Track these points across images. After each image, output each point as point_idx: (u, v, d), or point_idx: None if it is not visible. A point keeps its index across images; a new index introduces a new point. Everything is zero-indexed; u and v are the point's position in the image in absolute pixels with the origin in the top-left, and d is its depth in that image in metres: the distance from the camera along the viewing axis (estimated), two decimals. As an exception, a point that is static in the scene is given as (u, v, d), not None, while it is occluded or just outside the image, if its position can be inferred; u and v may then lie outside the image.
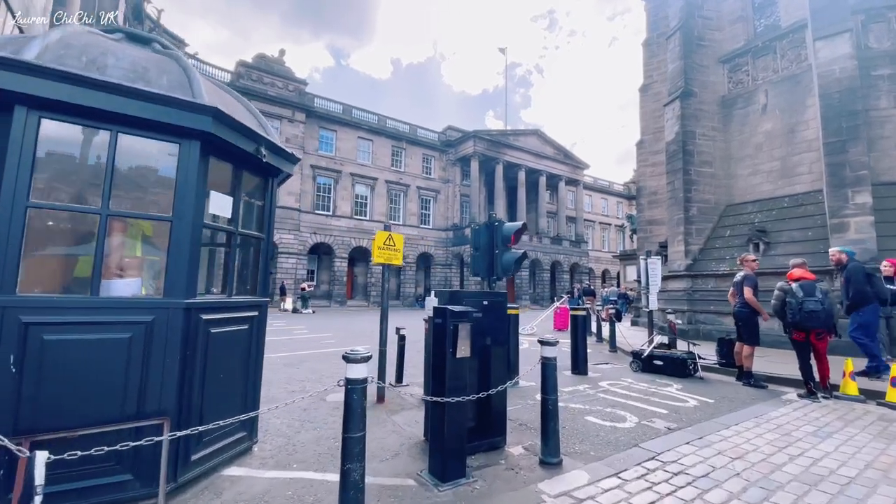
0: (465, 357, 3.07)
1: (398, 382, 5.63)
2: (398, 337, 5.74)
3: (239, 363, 3.28)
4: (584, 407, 4.86)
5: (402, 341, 5.91)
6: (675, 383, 6.22)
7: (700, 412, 4.80)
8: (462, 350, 3.04)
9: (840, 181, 8.97)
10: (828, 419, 4.65)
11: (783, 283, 5.76)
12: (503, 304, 3.80)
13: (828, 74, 9.42)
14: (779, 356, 8.01)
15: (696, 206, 11.84)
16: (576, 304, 21.93)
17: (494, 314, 3.73)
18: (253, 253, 3.68)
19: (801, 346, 5.54)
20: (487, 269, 3.99)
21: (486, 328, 3.68)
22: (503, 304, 3.79)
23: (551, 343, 3.45)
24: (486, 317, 3.66)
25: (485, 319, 3.65)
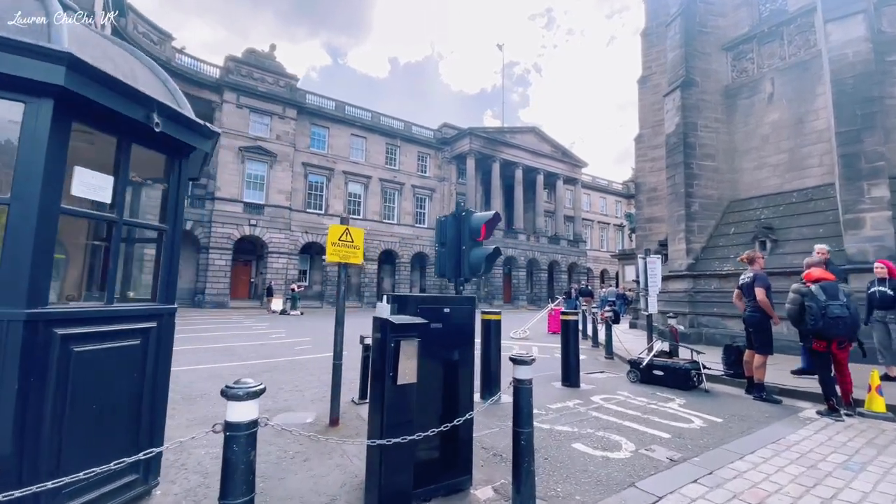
0: (410, 384, 2.38)
1: (362, 399, 4.93)
2: (362, 347, 5.04)
3: (125, 390, 2.58)
4: (573, 430, 4.17)
5: (367, 351, 5.19)
6: (678, 397, 5.52)
7: (708, 436, 4.10)
8: (405, 374, 2.35)
9: (855, 173, 8.29)
10: (856, 444, 3.96)
11: (799, 284, 5.06)
12: (469, 311, 3.10)
13: (840, 59, 8.73)
14: (791, 364, 7.32)
15: (697, 201, 11.15)
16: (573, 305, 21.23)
17: (458, 324, 3.03)
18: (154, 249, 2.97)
19: (822, 357, 4.85)
20: (454, 268, 3.30)
21: (449, 341, 2.98)
22: (469, 312, 3.10)
23: (525, 361, 2.75)
24: (447, 327, 2.96)
25: (446, 331, 2.96)
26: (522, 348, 9.88)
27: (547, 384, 6.13)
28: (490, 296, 34.88)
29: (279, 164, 28.41)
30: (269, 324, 15.62)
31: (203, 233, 25.77)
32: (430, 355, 2.87)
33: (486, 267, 3.33)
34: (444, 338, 2.95)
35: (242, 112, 27.52)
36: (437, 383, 2.91)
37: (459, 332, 3.04)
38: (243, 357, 8.09)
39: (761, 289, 5.59)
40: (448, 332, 2.97)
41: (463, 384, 3.03)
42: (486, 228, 3.32)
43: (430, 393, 2.84)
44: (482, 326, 5.25)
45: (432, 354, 2.89)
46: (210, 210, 25.92)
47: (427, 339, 2.84)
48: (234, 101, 27.23)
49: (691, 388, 5.91)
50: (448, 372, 2.97)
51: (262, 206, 27.66)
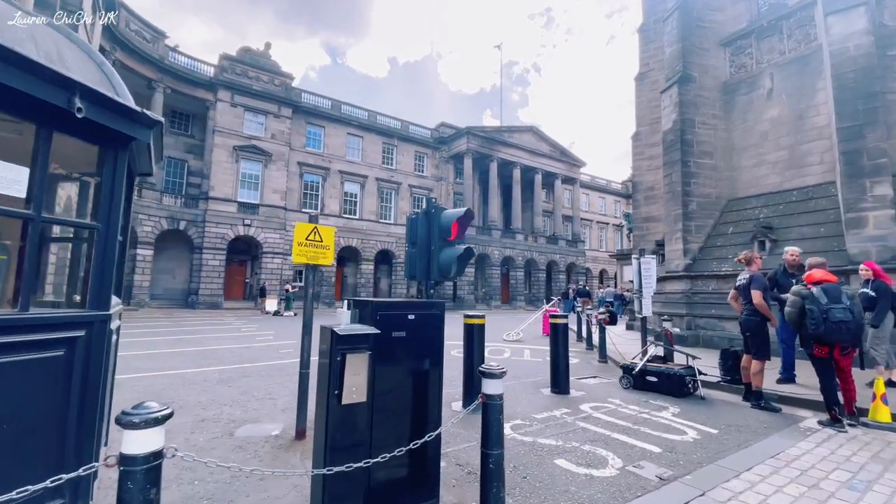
0: (359, 403, 2.10)
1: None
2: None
3: (46, 406, 2.30)
4: (557, 443, 3.88)
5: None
6: (672, 405, 5.24)
7: (701, 450, 3.82)
8: (352, 392, 2.07)
9: (856, 171, 8.01)
10: (861, 459, 3.68)
11: (800, 286, 4.79)
12: (438, 317, 2.82)
13: (841, 52, 8.45)
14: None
15: (695, 200, 10.87)
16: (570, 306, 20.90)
17: (425, 332, 2.75)
18: (86, 249, 2.69)
19: (824, 364, 4.57)
20: (424, 270, 3.01)
21: (414, 351, 2.71)
22: (437, 318, 2.82)
23: (494, 374, 2.47)
24: (412, 336, 2.68)
25: (411, 339, 2.68)
26: (514, 352, 9.61)
27: (535, 391, 5.85)
28: (487, 296, 34.61)
29: (274, 163, 28.13)
30: (259, 325, 15.34)
31: (196, 233, 25.50)
32: (391, 367, 2.59)
33: (457, 269, 3.04)
34: (409, 347, 2.68)
35: (237, 111, 27.24)
36: (399, 398, 2.63)
37: (426, 341, 2.76)
38: (223, 361, 7.81)
39: (758, 291, 5.31)
40: (413, 340, 2.69)
41: (430, 398, 2.75)
42: (457, 226, 3.03)
43: (391, 409, 2.57)
44: (465, 330, 4.98)
45: (394, 366, 2.61)
46: (203, 210, 25.64)
47: (387, 349, 2.57)
48: (229, 100, 26.95)
49: (686, 395, 5.63)
50: (413, 385, 2.69)
51: (256, 206, 27.38)
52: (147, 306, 23.00)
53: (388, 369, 2.56)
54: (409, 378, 2.68)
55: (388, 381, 2.56)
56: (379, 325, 2.55)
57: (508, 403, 5.19)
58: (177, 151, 27.87)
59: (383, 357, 2.55)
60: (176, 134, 27.90)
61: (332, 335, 2.11)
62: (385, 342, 2.57)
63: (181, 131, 28.24)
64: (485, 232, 34.63)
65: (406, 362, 2.67)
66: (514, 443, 3.87)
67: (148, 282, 23.68)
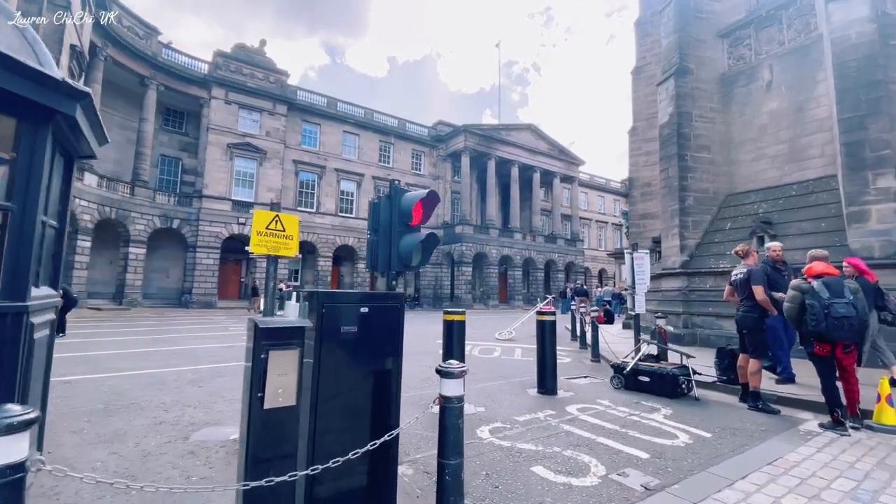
0: (287, 407, 1.81)
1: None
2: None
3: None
4: (537, 448, 3.60)
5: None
6: (664, 407, 4.96)
7: (692, 456, 3.53)
8: (278, 395, 1.79)
9: (859, 163, 7.72)
10: (865, 466, 3.40)
11: (799, 280, 4.50)
12: (395, 311, 2.53)
13: (843, 41, 8.16)
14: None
15: (692, 195, 10.58)
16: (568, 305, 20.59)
17: (380, 327, 2.47)
18: None
19: (825, 363, 4.28)
20: (387, 260, 2.73)
21: (367, 349, 2.42)
22: (395, 313, 2.53)
23: (452, 373, 2.19)
24: (364, 332, 2.40)
25: (363, 336, 2.39)
26: (505, 350, 9.33)
27: (521, 391, 5.57)
28: (485, 295, 34.32)
29: (269, 161, 27.85)
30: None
31: (190, 231, 25.23)
32: (340, 367, 2.31)
33: (421, 257, 2.76)
34: (361, 344, 2.39)
35: (231, 108, 26.97)
36: (350, 402, 2.34)
37: (382, 337, 2.47)
38: (201, 360, 7.53)
39: (760, 286, 5.02)
40: (366, 337, 2.40)
41: (387, 400, 2.46)
42: (421, 210, 2.74)
43: (338, 414, 2.28)
44: (444, 327, 4.71)
45: (344, 366, 2.33)
46: (197, 208, 25.37)
47: (335, 346, 2.29)
48: (223, 97, 26.67)
49: (680, 396, 5.35)
50: (366, 387, 2.40)
51: (251, 205, 27.06)
52: (139, 305, 22.73)
53: (335, 370, 2.28)
54: (361, 379, 2.39)
55: (335, 384, 2.28)
56: (325, 319, 2.27)
57: (491, 405, 4.92)
58: (171, 149, 27.59)
59: (330, 356, 2.27)
60: (170, 132, 27.64)
61: (255, 329, 1.83)
62: (332, 339, 2.29)
63: (175, 129, 27.96)
64: (483, 231, 34.34)
65: (358, 361, 2.39)
66: (491, 448, 3.59)
67: (140, 281, 23.40)
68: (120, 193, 22.61)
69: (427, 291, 34.73)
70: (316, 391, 2.20)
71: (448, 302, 33.60)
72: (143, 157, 24.03)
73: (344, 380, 2.33)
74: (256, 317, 2.20)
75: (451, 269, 34.63)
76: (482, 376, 6.62)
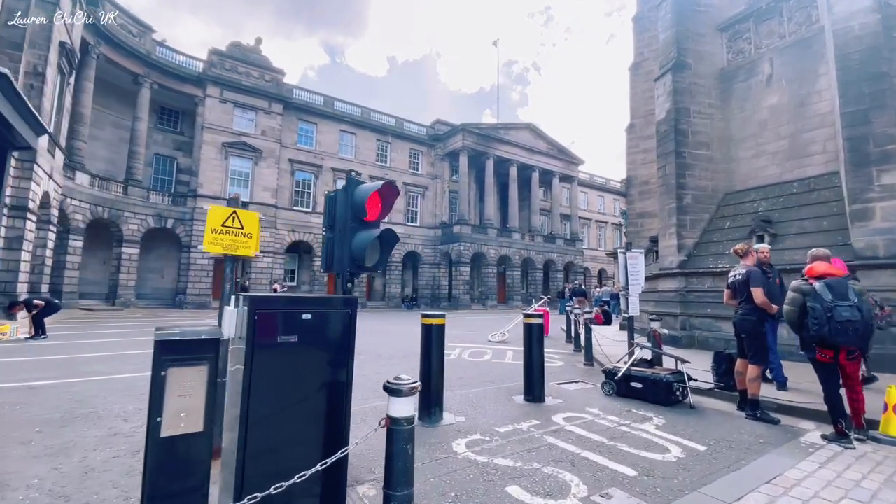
0: (192, 434, 1.54)
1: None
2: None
3: None
4: (515, 465, 3.31)
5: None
6: (657, 416, 4.67)
7: (684, 473, 3.25)
8: (180, 420, 1.52)
9: (862, 158, 7.42)
10: (872, 484, 3.11)
11: (800, 281, 4.22)
12: (345, 317, 2.25)
13: (845, 32, 7.86)
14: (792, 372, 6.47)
15: (690, 193, 10.28)
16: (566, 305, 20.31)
17: (325, 336, 2.19)
18: None
19: (828, 370, 4.00)
20: (340, 259, 2.45)
21: (311, 360, 2.14)
22: (344, 318, 2.25)
23: (400, 391, 1.91)
24: (306, 340, 2.12)
25: (304, 345, 2.12)
26: (497, 353, 9.04)
27: (506, 399, 5.28)
28: (483, 296, 34.03)
29: (264, 160, 27.60)
30: (240, 326, 14.73)
31: (185, 231, 24.97)
32: (275, 384, 2.03)
33: (379, 257, 2.48)
34: (303, 356, 2.11)
35: (226, 107, 26.72)
36: (287, 424, 2.06)
37: (328, 347, 2.20)
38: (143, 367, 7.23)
39: (759, 288, 4.73)
40: (309, 347, 2.13)
41: (335, 419, 2.18)
42: (379, 203, 2.46)
43: (272, 439, 2.00)
44: (422, 332, 4.42)
45: (279, 382, 2.05)
46: (192, 208, 25.12)
47: (268, 360, 2.01)
48: (218, 96, 26.43)
49: (674, 404, 5.06)
50: (309, 403, 2.13)
51: (246, 204, 26.75)
52: (133, 306, 22.49)
53: (272, 384, 2.00)
54: (304, 394, 2.11)
55: (272, 401, 2.00)
56: (258, 327, 1.99)
57: (472, 413, 4.63)
58: (165, 148, 27.34)
59: (265, 369, 1.99)
60: (165, 130, 27.38)
61: (158, 343, 1.56)
62: (267, 350, 2.01)
63: (170, 128, 27.71)
64: (481, 231, 34.05)
65: (300, 374, 2.11)
66: (466, 464, 3.30)
67: (133, 281, 23.16)
68: (113, 193, 22.37)
69: (425, 292, 34.44)
70: (246, 411, 1.92)
71: (446, 302, 33.32)
72: (137, 156, 23.77)
73: (282, 396, 2.05)
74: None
75: (448, 270, 34.35)
76: (468, 381, 6.34)
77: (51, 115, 16.54)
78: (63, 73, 17.49)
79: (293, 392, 2.08)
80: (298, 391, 2.09)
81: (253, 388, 1.97)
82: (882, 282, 6.83)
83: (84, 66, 20.82)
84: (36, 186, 14.83)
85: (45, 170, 15.58)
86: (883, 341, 6.54)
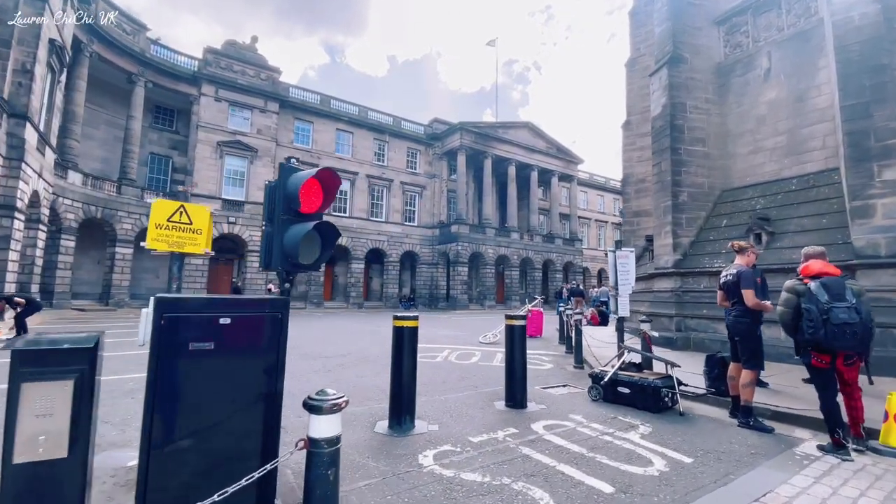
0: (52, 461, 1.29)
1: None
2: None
3: None
4: (483, 480, 3.06)
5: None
6: (643, 423, 4.41)
7: (666, 489, 2.99)
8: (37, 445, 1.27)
9: (863, 153, 7.15)
10: (871, 502, 2.85)
11: (794, 280, 3.96)
12: (274, 321, 2.00)
13: (845, 23, 7.59)
14: (785, 376, 6.21)
15: (686, 191, 10.01)
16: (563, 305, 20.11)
17: (251, 342, 1.94)
18: None
19: (825, 376, 3.74)
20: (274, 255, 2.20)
21: (232, 369, 1.90)
22: (274, 323, 2.00)
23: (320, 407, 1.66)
24: (225, 347, 1.87)
25: (228, 352, 1.87)
26: (485, 356, 8.79)
27: (486, 405, 5.02)
28: (482, 296, 33.78)
29: (260, 159, 27.41)
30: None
31: (179, 231, 24.75)
32: (187, 394, 1.79)
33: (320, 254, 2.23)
34: (220, 365, 1.87)
35: (221, 105, 26.53)
36: (205, 439, 1.82)
37: (252, 355, 1.95)
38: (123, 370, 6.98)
39: (750, 290, 4.47)
40: (228, 355, 1.88)
41: (258, 435, 1.93)
42: (321, 193, 2.21)
43: (186, 456, 1.76)
44: (393, 335, 4.17)
45: (193, 393, 1.81)
46: (186, 207, 24.89)
47: (177, 371, 1.76)
48: (213, 94, 26.24)
49: (663, 410, 4.80)
50: (230, 420, 1.88)
51: (241, 203, 26.67)
52: (127, 306, 22.29)
53: (178, 402, 1.76)
54: (222, 410, 1.87)
55: (182, 418, 1.75)
56: (165, 332, 1.74)
57: (447, 421, 4.38)
58: (161, 147, 27.17)
59: (173, 381, 1.75)
60: (160, 129, 27.21)
61: (14, 352, 1.32)
62: (176, 358, 1.77)
63: (165, 127, 27.54)
64: (479, 230, 33.80)
65: (217, 387, 1.86)
66: (430, 479, 3.05)
67: (128, 281, 22.97)
68: (106, 192, 22.18)
69: (423, 292, 34.20)
70: (149, 430, 1.67)
71: (444, 302, 33.08)
72: (131, 154, 23.58)
73: (195, 412, 1.80)
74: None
75: (446, 270, 34.11)
76: (451, 386, 6.09)
77: (40, 113, 16.34)
78: (54, 71, 17.29)
79: (209, 408, 1.83)
80: (215, 407, 1.85)
81: (158, 403, 1.73)
82: (883, 281, 6.56)
83: (77, 64, 20.64)
84: (24, 185, 14.63)
85: (33, 168, 15.37)
86: (885, 343, 6.28)
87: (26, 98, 14.62)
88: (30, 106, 14.72)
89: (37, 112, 15.72)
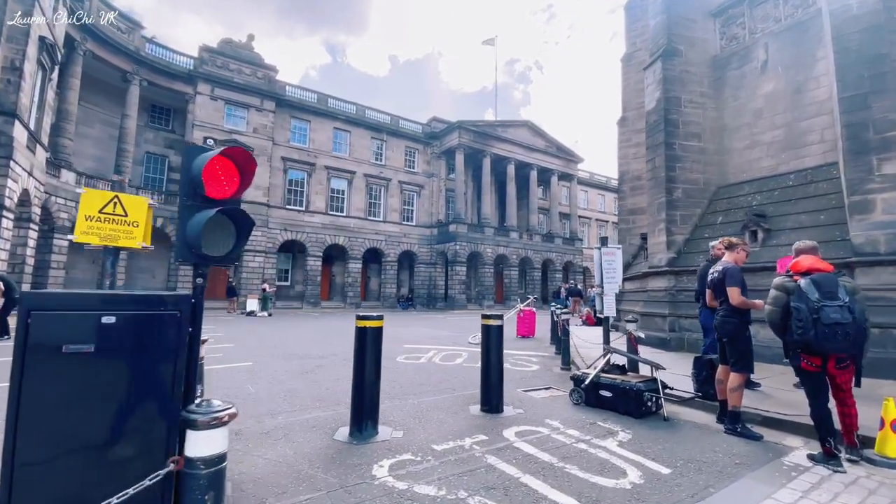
0: None
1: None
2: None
3: None
4: (437, 493, 2.81)
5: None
6: (623, 430, 4.15)
7: (637, 504, 2.73)
8: None
9: (862, 146, 6.87)
10: (864, 519, 2.58)
11: (784, 277, 3.69)
12: (172, 321, 1.76)
13: (843, 12, 7.31)
14: (779, 379, 5.94)
15: (680, 187, 9.73)
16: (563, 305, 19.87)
17: (141, 345, 1.70)
18: None
19: (815, 381, 3.47)
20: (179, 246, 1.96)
21: (117, 377, 1.66)
22: (171, 322, 1.76)
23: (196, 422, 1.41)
24: (112, 350, 1.63)
25: (109, 357, 1.63)
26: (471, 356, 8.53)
27: (461, 409, 4.77)
28: (480, 296, 33.51)
29: (256, 158, 26.83)
30: (227, 330, 14.30)
31: (174, 230, 24.62)
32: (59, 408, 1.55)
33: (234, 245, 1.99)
34: (102, 371, 1.63)
35: (217, 104, 26.39)
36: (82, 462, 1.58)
37: (143, 359, 1.71)
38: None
39: (735, 288, 4.21)
40: (112, 359, 1.64)
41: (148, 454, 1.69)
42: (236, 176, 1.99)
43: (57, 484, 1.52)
44: (356, 336, 3.93)
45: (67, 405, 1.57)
46: (181, 206, 24.76)
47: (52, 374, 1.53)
48: (209, 93, 26.10)
49: (646, 415, 4.54)
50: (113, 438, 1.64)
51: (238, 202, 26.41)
52: (121, 306, 22.15)
53: (50, 416, 1.52)
54: (103, 425, 1.62)
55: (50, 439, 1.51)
56: (32, 332, 1.51)
57: (415, 427, 4.13)
58: (157, 147, 27.04)
59: (41, 391, 1.51)
60: (156, 128, 27.08)
61: None
62: (46, 364, 1.53)
63: (162, 126, 27.42)
64: (478, 230, 33.54)
65: (98, 397, 1.62)
66: (381, 492, 2.80)
67: (122, 281, 22.83)
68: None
69: (421, 291, 33.97)
70: (11, 452, 1.44)
71: (442, 302, 32.83)
72: (126, 153, 23.44)
73: (71, 428, 1.56)
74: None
75: (445, 269, 33.85)
76: (428, 388, 5.84)
77: (30, 111, 16.19)
78: (45, 69, 17.13)
79: (88, 422, 1.60)
80: (97, 421, 1.61)
81: (24, 417, 1.49)
82: (883, 280, 6.28)
83: (70, 62, 20.52)
84: (13, 183, 14.48)
85: (23, 166, 15.22)
86: (885, 345, 6.00)
87: (15, 95, 14.47)
88: (18, 103, 14.57)
89: (26, 110, 15.57)
